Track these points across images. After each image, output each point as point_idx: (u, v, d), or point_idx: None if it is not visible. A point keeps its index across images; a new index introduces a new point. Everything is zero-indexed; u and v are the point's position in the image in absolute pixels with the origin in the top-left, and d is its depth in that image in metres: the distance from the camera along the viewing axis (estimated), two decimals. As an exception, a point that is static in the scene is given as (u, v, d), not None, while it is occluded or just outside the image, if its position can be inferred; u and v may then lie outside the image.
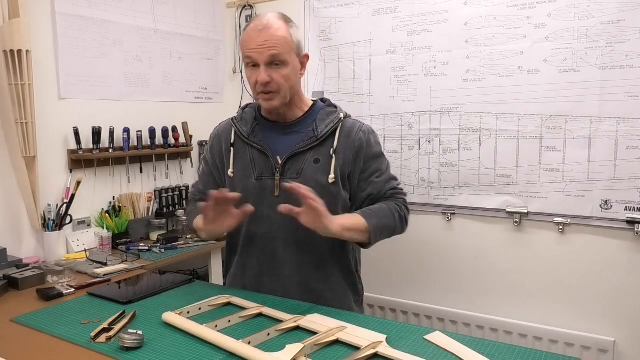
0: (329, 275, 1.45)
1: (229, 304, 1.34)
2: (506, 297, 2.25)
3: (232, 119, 1.55)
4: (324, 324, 1.16)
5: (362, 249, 1.53)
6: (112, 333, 1.15)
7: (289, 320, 1.19)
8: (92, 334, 1.14)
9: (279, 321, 1.19)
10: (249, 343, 1.07)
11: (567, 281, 2.13)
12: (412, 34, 2.36)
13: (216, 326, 1.17)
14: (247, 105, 1.58)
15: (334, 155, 1.41)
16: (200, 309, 1.29)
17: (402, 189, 1.50)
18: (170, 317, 1.22)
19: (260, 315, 1.26)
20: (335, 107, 1.51)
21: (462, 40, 2.23)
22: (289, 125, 1.47)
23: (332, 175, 1.40)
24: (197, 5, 2.75)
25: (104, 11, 2.26)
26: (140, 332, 1.09)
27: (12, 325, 1.27)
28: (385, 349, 1.05)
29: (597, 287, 2.07)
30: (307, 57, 1.47)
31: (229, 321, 1.21)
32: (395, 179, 1.50)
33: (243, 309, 1.29)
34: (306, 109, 1.49)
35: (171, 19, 2.60)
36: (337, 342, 1.11)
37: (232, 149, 1.50)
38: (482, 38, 2.20)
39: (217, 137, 1.56)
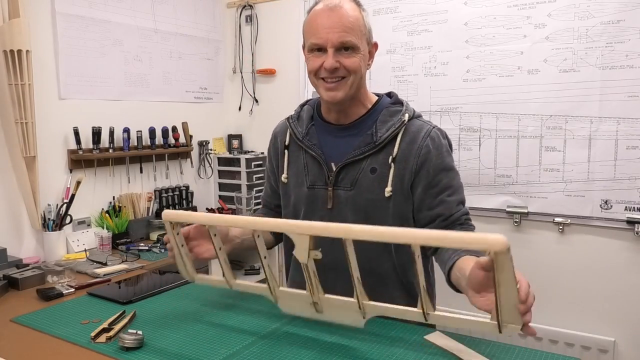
0: (386, 301, 1.26)
1: None
2: (506, 297, 2.25)
3: (287, 118, 1.38)
4: None
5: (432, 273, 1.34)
6: (112, 333, 1.15)
7: None
8: (92, 334, 1.14)
9: None
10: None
11: (567, 281, 2.13)
12: (412, 34, 2.36)
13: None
14: (306, 102, 1.40)
15: (392, 164, 1.21)
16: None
17: (470, 216, 1.26)
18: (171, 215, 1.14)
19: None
20: (402, 104, 1.29)
21: (462, 40, 2.24)
22: (347, 127, 1.28)
23: (389, 188, 1.21)
24: (197, 5, 2.75)
25: (104, 11, 2.27)
26: (140, 332, 1.09)
27: (12, 325, 1.27)
28: None
29: (597, 287, 2.07)
30: (376, 46, 1.30)
31: None
32: (464, 202, 1.26)
33: None
34: (369, 105, 1.30)
35: (171, 19, 2.60)
36: None
37: (286, 151, 1.35)
38: (482, 38, 2.20)
39: (274, 138, 1.42)
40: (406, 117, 1.24)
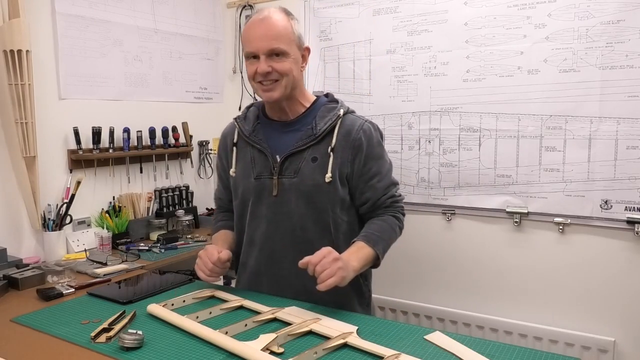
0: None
1: (212, 297, 1.38)
2: (506, 297, 2.25)
3: (235, 118, 1.55)
4: (300, 316, 1.20)
5: None
6: (112, 333, 1.15)
7: (267, 312, 1.23)
8: (92, 334, 1.14)
9: (258, 313, 1.23)
10: (226, 333, 1.10)
11: (567, 281, 2.12)
12: (412, 34, 2.36)
13: (197, 317, 1.21)
14: (251, 105, 1.58)
15: (331, 154, 1.39)
16: (184, 301, 1.33)
17: (400, 196, 1.50)
18: (155, 308, 1.26)
19: (241, 307, 1.30)
20: (337, 102, 1.48)
21: (462, 40, 2.23)
22: (290, 123, 1.46)
23: (329, 174, 1.38)
24: (197, 5, 2.75)
25: (104, 11, 2.26)
26: (140, 332, 1.09)
27: (12, 325, 1.27)
28: (354, 340, 1.08)
29: (597, 287, 2.07)
30: (308, 50, 1.45)
31: (210, 313, 1.25)
32: (395, 183, 1.49)
33: (225, 301, 1.32)
34: (308, 104, 1.47)
35: (171, 19, 2.60)
36: (310, 332, 1.14)
37: (234, 148, 1.51)
38: (482, 38, 2.20)
39: (223, 138, 1.58)
40: (341, 112, 1.43)
